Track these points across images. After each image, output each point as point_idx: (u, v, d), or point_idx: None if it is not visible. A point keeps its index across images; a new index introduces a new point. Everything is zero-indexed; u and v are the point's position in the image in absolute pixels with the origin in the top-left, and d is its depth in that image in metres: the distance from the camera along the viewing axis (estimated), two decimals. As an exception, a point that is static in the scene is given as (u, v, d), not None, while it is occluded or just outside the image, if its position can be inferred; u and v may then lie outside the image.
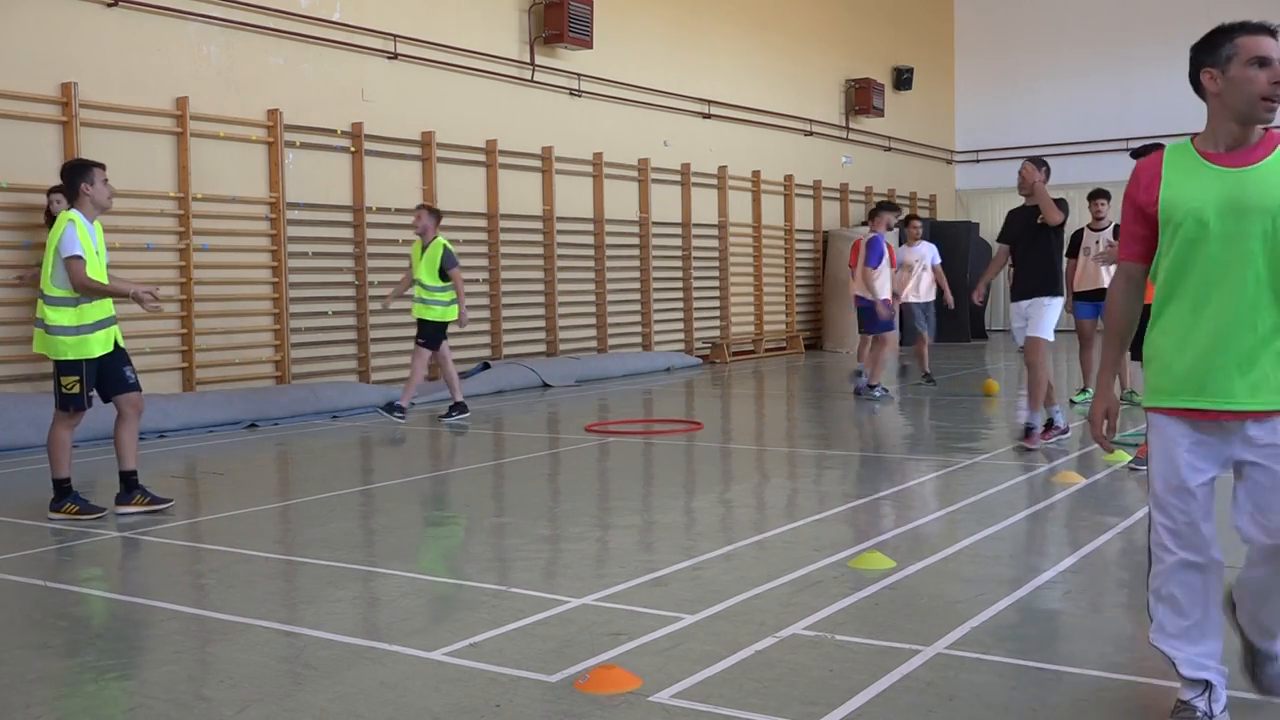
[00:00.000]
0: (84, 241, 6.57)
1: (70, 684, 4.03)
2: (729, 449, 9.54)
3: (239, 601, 4.99)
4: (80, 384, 6.66)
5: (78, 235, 6.53)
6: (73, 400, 6.69)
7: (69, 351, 6.61)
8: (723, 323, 18.97)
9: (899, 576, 5.10)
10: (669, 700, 3.65)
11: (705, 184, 18.70)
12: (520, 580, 5.18)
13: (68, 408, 6.71)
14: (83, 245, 6.54)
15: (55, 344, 6.63)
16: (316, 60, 12.74)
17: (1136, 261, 3.46)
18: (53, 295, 6.61)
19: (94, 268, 6.61)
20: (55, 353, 6.64)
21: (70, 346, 6.61)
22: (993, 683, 3.77)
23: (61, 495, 6.73)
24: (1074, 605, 4.76)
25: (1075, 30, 25.46)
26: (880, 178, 23.71)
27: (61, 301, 6.60)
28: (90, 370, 6.70)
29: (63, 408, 6.72)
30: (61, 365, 6.64)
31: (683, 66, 18.14)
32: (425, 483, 8.11)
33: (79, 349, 6.62)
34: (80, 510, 6.70)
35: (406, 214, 13.68)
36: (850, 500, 7.10)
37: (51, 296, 6.61)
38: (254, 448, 9.78)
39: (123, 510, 6.78)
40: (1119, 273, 3.53)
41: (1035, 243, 8.94)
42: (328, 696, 3.76)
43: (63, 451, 6.73)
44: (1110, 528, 6.06)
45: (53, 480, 6.77)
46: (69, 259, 6.50)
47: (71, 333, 6.61)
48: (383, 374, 13.29)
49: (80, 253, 6.51)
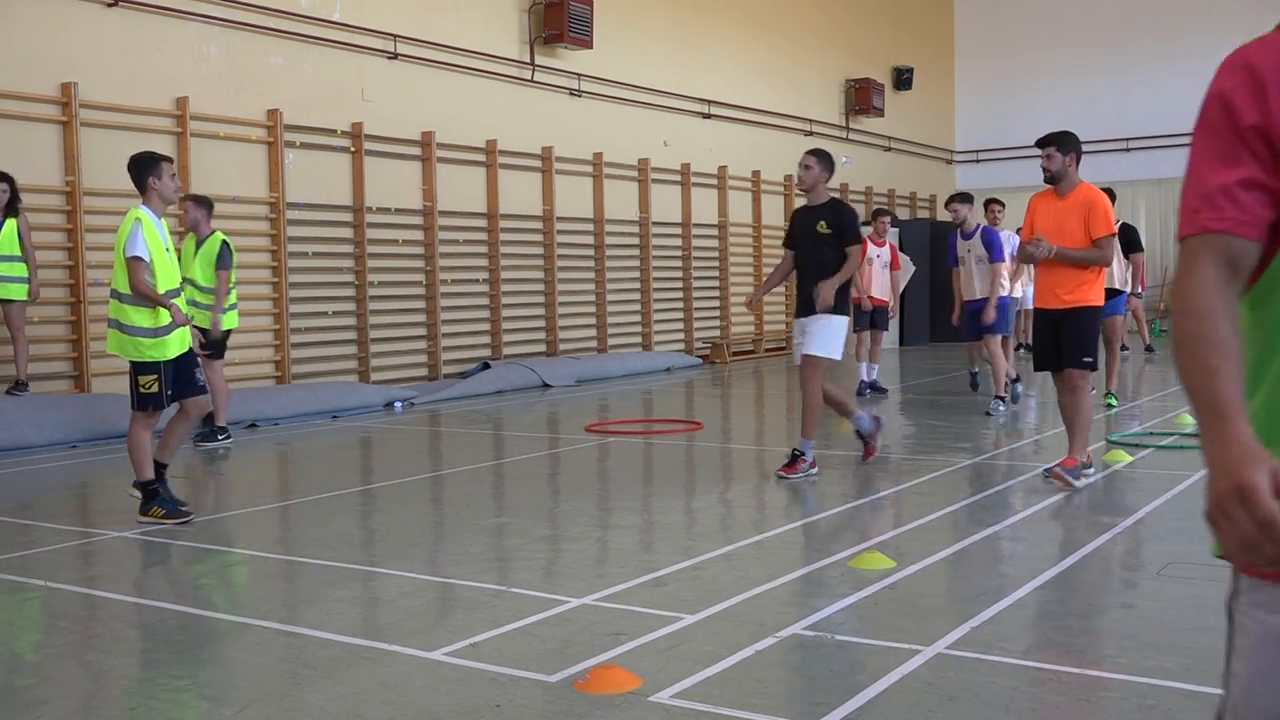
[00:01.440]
0: (152, 242, 6.46)
1: (70, 684, 4.03)
2: (729, 449, 9.54)
3: (239, 601, 4.99)
4: (159, 383, 6.55)
5: (143, 235, 6.42)
6: (152, 400, 6.56)
7: (148, 352, 6.51)
8: (723, 323, 18.97)
9: (899, 576, 5.10)
10: (669, 700, 3.65)
11: (705, 184, 18.70)
12: (520, 580, 5.18)
13: (146, 407, 6.57)
14: (149, 245, 6.43)
15: (135, 345, 6.50)
16: (316, 60, 12.74)
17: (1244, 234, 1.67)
18: (126, 294, 6.49)
19: (163, 267, 6.52)
20: (134, 354, 6.52)
21: (150, 347, 6.50)
22: (993, 683, 3.77)
23: (150, 498, 6.55)
24: (1073, 605, 4.76)
25: (1075, 30, 25.47)
26: (880, 178, 23.71)
27: (139, 301, 6.48)
28: (168, 369, 6.59)
29: (141, 408, 6.58)
30: (139, 365, 6.53)
31: (683, 66, 18.14)
32: (425, 483, 8.10)
33: (158, 350, 6.52)
34: (166, 514, 6.49)
35: (407, 214, 13.72)
36: (850, 500, 7.10)
37: (129, 296, 6.48)
38: (254, 448, 9.77)
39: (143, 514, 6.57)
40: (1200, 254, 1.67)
41: (819, 250, 7.79)
42: (328, 696, 3.76)
43: (144, 453, 6.58)
44: (1110, 528, 6.06)
45: (138, 485, 6.59)
46: (130, 259, 6.38)
47: (150, 334, 6.50)
48: (383, 374, 13.30)
49: (142, 254, 6.40)
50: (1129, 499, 6.84)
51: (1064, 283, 7.08)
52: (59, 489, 8.14)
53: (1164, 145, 24.26)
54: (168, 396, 6.61)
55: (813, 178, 7.78)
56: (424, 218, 13.89)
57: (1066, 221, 7.06)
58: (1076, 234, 7.03)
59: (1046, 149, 7.15)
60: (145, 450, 6.58)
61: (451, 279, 14.21)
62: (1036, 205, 7.32)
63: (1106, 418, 10.61)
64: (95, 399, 10.08)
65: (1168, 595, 4.78)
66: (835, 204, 7.86)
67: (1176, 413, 10.50)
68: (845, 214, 7.81)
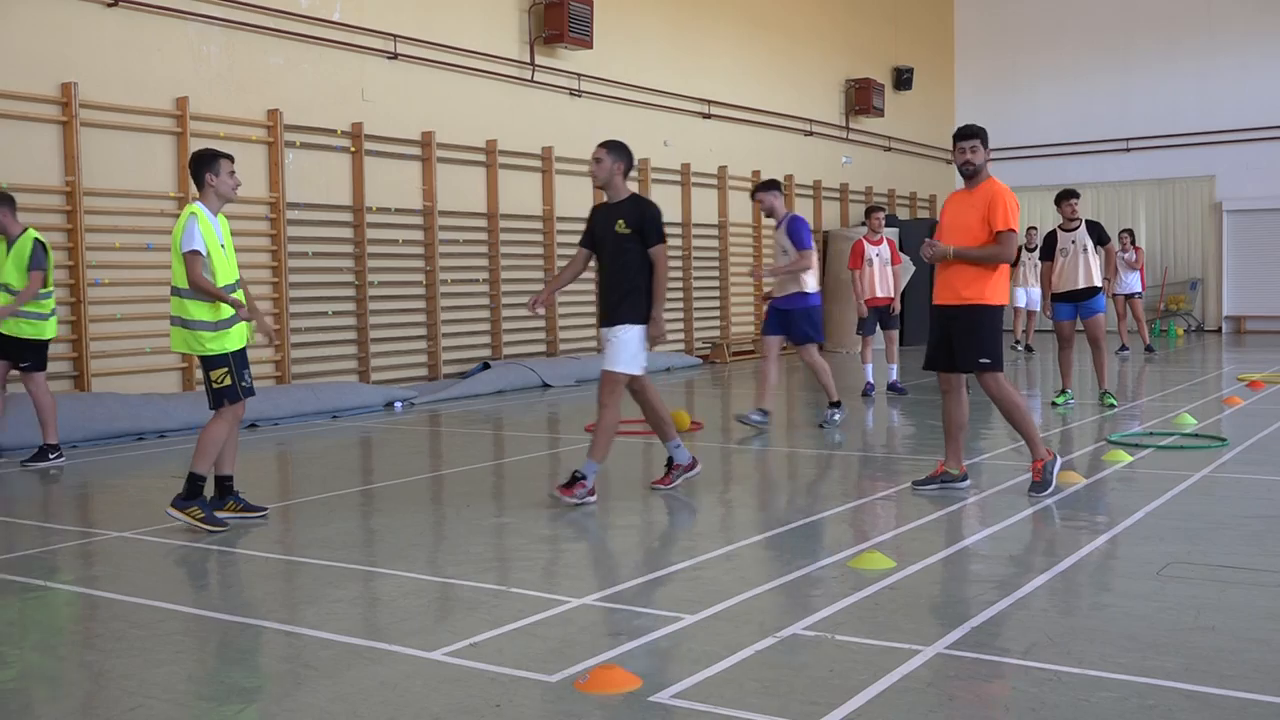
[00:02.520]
0: (208, 236, 6.38)
1: (70, 684, 4.03)
2: (729, 449, 9.54)
3: (239, 601, 4.99)
4: (230, 374, 6.46)
5: (199, 229, 6.34)
6: (227, 393, 6.47)
7: (210, 345, 6.42)
8: (723, 323, 18.97)
9: (899, 576, 5.10)
10: (669, 700, 3.65)
11: (705, 184, 18.70)
12: (520, 580, 5.18)
13: (222, 402, 6.49)
14: (206, 240, 6.36)
15: (197, 339, 6.41)
16: (316, 60, 12.74)
17: None
18: (189, 290, 6.38)
19: (220, 262, 6.44)
20: (198, 348, 6.43)
21: (211, 340, 6.41)
22: (993, 683, 3.77)
23: (192, 495, 6.41)
24: (1073, 605, 4.75)
25: (1075, 30, 25.48)
26: (880, 178, 23.72)
27: (199, 296, 6.38)
28: (238, 359, 6.49)
29: (217, 404, 6.49)
30: (208, 361, 6.45)
31: (683, 66, 18.14)
32: (425, 483, 8.10)
33: (218, 342, 6.43)
34: (204, 519, 6.38)
35: (407, 214, 13.71)
36: (850, 500, 7.10)
37: (189, 291, 6.38)
38: (254, 448, 9.77)
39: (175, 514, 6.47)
40: None
41: (621, 251, 7.05)
42: (328, 696, 3.76)
43: (214, 447, 6.45)
44: (1110, 528, 6.06)
45: (191, 475, 6.43)
46: (187, 254, 6.30)
47: (211, 328, 6.41)
48: (383, 374, 13.30)
49: (199, 248, 6.32)
50: (1129, 499, 6.83)
51: (961, 277, 6.91)
52: (59, 489, 8.14)
53: (1164, 145, 24.26)
54: (245, 387, 6.53)
55: (604, 171, 7.04)
56: (424, 218, 13.89)
57: (969, 216, 6.94)
58: (975, 229, 6.89)
59: (970, 142, 6.99)
60: (217, 445, 6.48)
61: (451, 279, 14.21)
62: (947, 202, 7.25)
63: (1104, 418, 10.60)
64: (95, 399, 10.08)
65: (1168, 595, 4.78)
66: (636, 200, 7.10)
67: (1176, 413, 10.50)
68: (648, 211, 7.07)
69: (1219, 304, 24.12)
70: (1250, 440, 8.95)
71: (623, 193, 7.11)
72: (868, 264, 12.70)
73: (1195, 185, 24.23)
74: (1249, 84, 23.61)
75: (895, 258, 12.85)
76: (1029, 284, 18.90)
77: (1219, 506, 6.61)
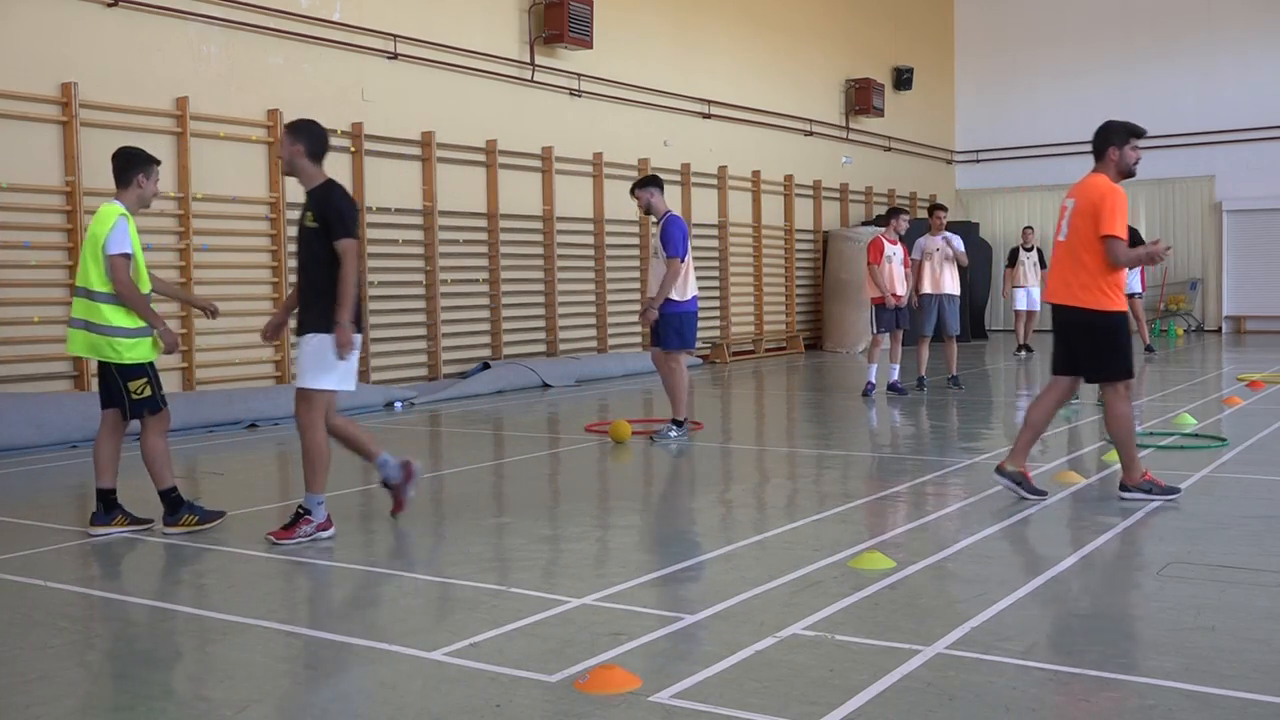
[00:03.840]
0: (135, 240, 6.19)
1: (70, 684, 4.03)
2: (729, 449, 9.54)
3: (239, 601, 4.99)
4: (151, 384, 6.25)
5: (129, 231, 6.16)
6: (148, 404, 6.26)
7: (129, 354, 6.19)
8: (723, 323, 18.97)
9: (899, 576, 5.10)
10: (669, 700, 3.65)
11: (705, 184, 18.70)
12: (520, 580, 5.18)
13: (141, 413, 6.27)
14: (133, 244, 6.16)
15: (113, 346, 6.16)
16: (316, 60, 12.74)
17: None
18: (105, 293, 6.15)
19: (143, 268, 6.28)
20: (111, 355, 6.17)
21: (129, 348, 6.19)
22: (993, 683, 3.77)
23: (177, 506, 6.30)
24: (1074, 605, 4.75)
25: (1075, 30, 25.48)
26: (880, 178, 23.72)
27: (117, 300, 6.15)
28: (153, 368, 6.31)
29: (136, 415, 6.27)
30: (126, 371, 6.20)
31: (683, 66, 18.14)
32: (425, 483, 8.10)
33: (136, 350, 6.22)
34: (200, 520, 6.32)
35: (407, 214, 13.71)
36: (850, 500, 7.09)
37: (103, 294, 6.14)
38: (254, 448, 9.77)
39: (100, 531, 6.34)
40: None
41: (307, 247, 6.13)
42: (328, 696, 3.76)
43: (165, 460, 6.29)
44: (1110, 528, 6.06)
45: (162, 495, 6.31)
46: (116, 256, 6.08)
47: (128, 334, 6.19)
48: (383, 374, 13.30)
49: (129, 251, 6.13)
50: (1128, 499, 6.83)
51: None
52: (59, 489, 8.14)
53: (1164, 145, 24.22)
54: (161, 397, 6.35)
55: (285, 155, 6.17)
56: (424, 218, 13.89)
57: None
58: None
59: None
60: (165, 456, 6.33)
61: (451, 279, 14.21)
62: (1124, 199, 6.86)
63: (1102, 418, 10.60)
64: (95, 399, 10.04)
65: (1168, 595, 4.78)
66: (324, 188, 6.10)
67: (1176, 413, 10.50)
68: (333, 201, 6.05)
69: (1219, 304, 24.13)
70: (1250, 440, 8.95)
71: (315, 180, 6.15)
72: (887, 261, 12.70)
73: (1195, 185, 24.23)
74: (1249, 83, 23.61)
75: (906, 263, 12.87)
76: (1028, 284, 18.90)
77: (1219, 506, 6.61)
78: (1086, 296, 6.64)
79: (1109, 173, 6.77)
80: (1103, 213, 6.55)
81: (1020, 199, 26.15)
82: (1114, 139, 6.77)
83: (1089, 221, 6.60)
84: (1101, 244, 6.57)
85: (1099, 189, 6.63)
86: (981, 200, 26.70)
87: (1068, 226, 6.75)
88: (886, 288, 12.57)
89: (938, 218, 13.11)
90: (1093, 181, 6.73)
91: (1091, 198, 6.63)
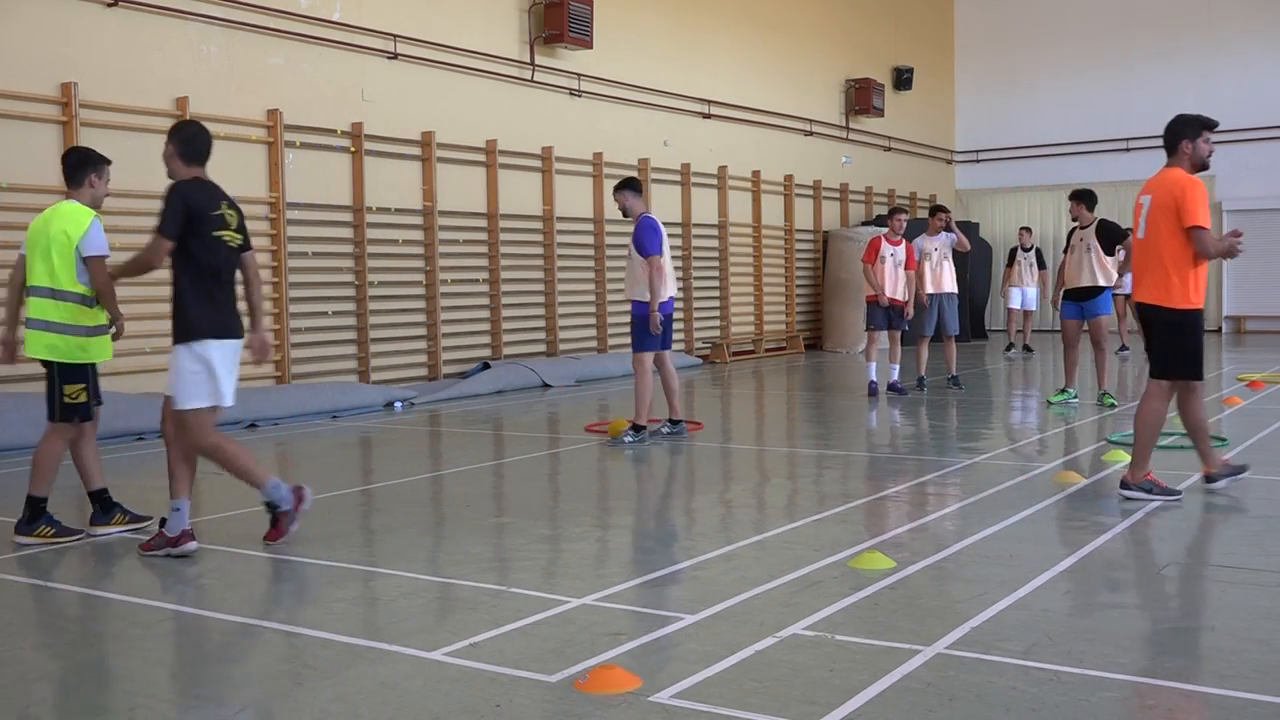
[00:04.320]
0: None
1: (70, 684, 4.03)
2: (729, 449, 9.54)
3: (239, 601, 4.99)
4: (87, 389, 6.21)
5: (102, 231, 6.14)
6: (78, 410, 6.18)
7: (81, 354, 6.16)
8: (723, 323, 18.96)
9: (899, 576, 5.10)
10: (669, 700, 3.65)
11: (705, 184, 18.70)
12: (520, 580, 5.18)
13: (71, 419, 6.19)
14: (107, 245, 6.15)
15: (67, 346, 6.12)
16: (316, 60, 12.74)
17: None
18: (75, 293, 6.11)
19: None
20: (65, 356, 6.12)
21: (84, 349, 6.17)
22: (993, 683, 3.77)
23: (36, 516, 6.13)
24: (1073, 605, 4.75)
25: (1076, 30, 25.48)
26: (880, 178, 23.72)
27: (85, 300, 6.13)
28: (94, 372, 6.26)
29: (65, 418, 6.18)
30: (66, 371, 6.12)
31: (683, 66, 18.14)
32: (425, 483, 8.10)
33: (93, 350, 6.20)
34: (56, 533, 6.14)
35: (407, 214, 13.72)
36: (850, 500, 7.09)
37: (74, 294, 6.10)
38: (254, 448, 9.76)
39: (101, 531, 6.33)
40: None
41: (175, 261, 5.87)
42: (328, 696, 3.76)
43: (54, 467, 6.16)
44: (1110, 527, 6.06)
45: (28, 497, 6.14)
46: (94, 258, 6.07)
47: (88, 333, 6.17)
48: (383, 374, 13.30)
49: (108, 252, 6.12)
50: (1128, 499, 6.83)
51: None
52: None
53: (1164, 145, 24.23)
54: (94, 407, 6.25)
55: (165, 153, 6.06)
56: (424, 218, 13.89)
57: None
58: None
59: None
60: (56, 464, 6.17)
61: (451, 279, 14.21)
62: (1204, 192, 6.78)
63: (1104, 418, 10.60)
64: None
65: (1168, 595, 4.78)
66: (171, 187, 5.94)
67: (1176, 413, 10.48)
68: (166, 197, 5.87)
69: (1219, 304, 24.11)
70: (1250, 440, 8.95)
71: (176, 177, 6.02)
72: (881, 261, 12.70)
73: (1195, 185, 24.20)
74: (1249, 83, 23.61)
75: (910, 263, 12.81)
76: (1025, 284, 19.08)
77: (1219, 506, 6.61)
78: (1160, 294, 6.63)
79: (1183, 166, 6.73)
80: (1185, 205, 6.51)
81: (1020, 199, 26.15)
82: (1186, 132, 6.75)
83: (1168, 216, 6.56)
84: (1182, 237, 6.53)
85: (1178, 182, 6.59)
86: (981, 200, 26.70)
87: (1146, 223, 6.72)
88: (879, 286, 12.62)
89: (938, 219, 13.12)
90: (1170, 176, 6.68)
91: (1172, 191, 6.58)
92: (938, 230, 13.07)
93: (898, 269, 12.74)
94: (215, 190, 6.08)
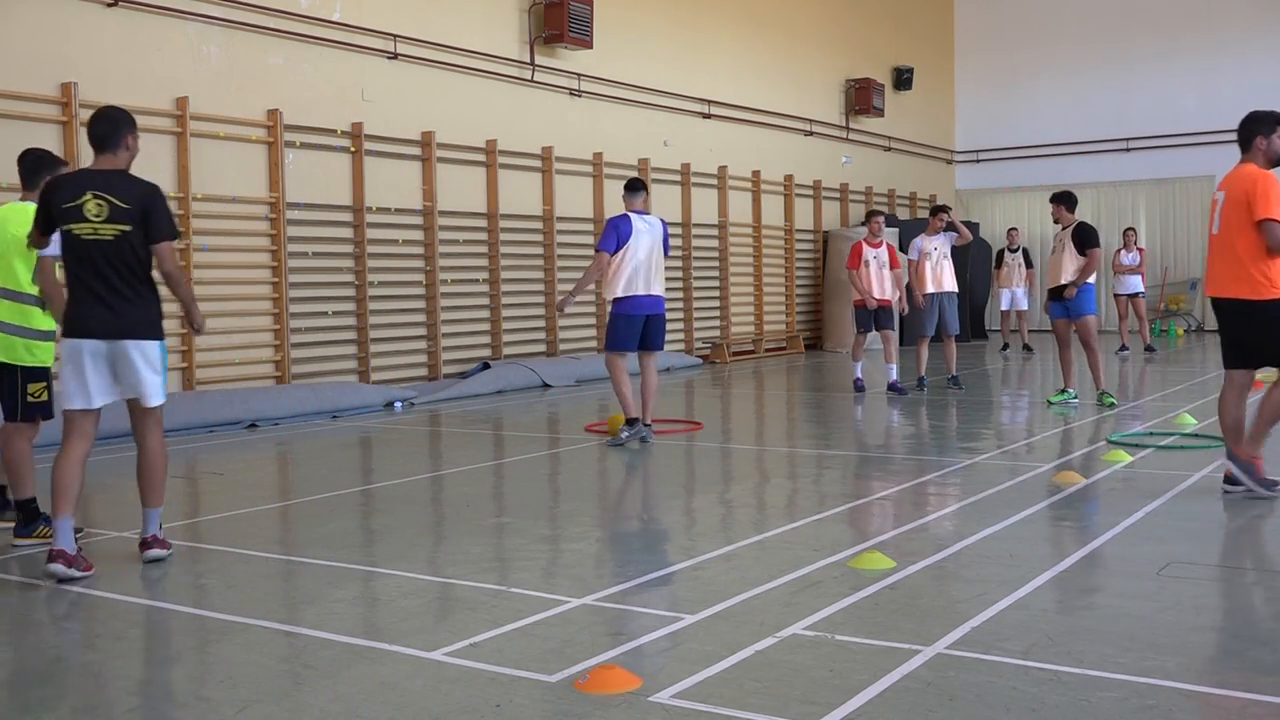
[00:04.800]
0: None
1: (70, 684, 4.03)
2: (729, 449, 9.54)
3: (239, 601, 4.99)
4: (48, 388, 6.20)
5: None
6: (42, 409, 6.19)
7: (46, 356, 6.19)
8: (723, 323, 18.97)
9: (899, 576, 5.10)
10: (669, 700, 3.65)
11: (705, 184, 18.70)
12: (520, 580, 5.18)
13: (34, 417, 6.18)
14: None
15: (32, 349, 6.13)
16: (316, 60, 12.74)
17: None
18: (36, 295, 6.11)
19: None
20: (27, 358, 6.13)
21: (46, 351, 6.19)
22: (993, 683, 3.77)
23: (31, 518, 6.13)
24: (1074, 605, 4.75)
25: (1076, 30, 25.47)
26: (880, 178, 23.71)
27: (40, 303, 6.11)
28: (50, 373, 6.24)
29: (28, 418, 6.16)
30: (31, 372, 6.14)
31: (683, 66, 18.14)
32: (425, 483, 8.10)
33: (47, 353, 6.21)
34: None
35: (407, 214, 13.72)
36: (850, 500, 7.10)
37: (34, 296, 6.11)
38: (254, 448, 9.77)
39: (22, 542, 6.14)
40: None
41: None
42: (328, 696, 3.76)
43: (27, 467, 6.14)
44: (1110, 527, 6.06)
45: (15, 502, 6.13)
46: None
47: (44, 337, 6.19)
48: (382, 374, 13.30)
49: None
50: (1129, 499, 6.83)
51: None
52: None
53: (1164, 145, 24.26)
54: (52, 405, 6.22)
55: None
56: (424, 218, 13.89)
57: None
58: None
59: None
60: (29, 462, 6.19)
61: (451, 279, 14.21)
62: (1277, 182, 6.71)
63: (1104, 418, 10.60)
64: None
65: (1168, 595, 4.78)
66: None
67: (1176, 413, 10.50)
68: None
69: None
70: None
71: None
72: (865, 265, 12.94)
73: (1195, 185, 24.21)
74: (1249, 83, 23.58)
75: (894, 262, 13.00)
76: (1013, 284, 19.30)
77: (1219, 506, 6.61)
78: (1242, 287, 6.62)
79: (1257, 161, 6.76)
80: (1256, 198, 6.53)
81: (1020, 199, 26.14)
82: (1260, 128, 6.79)
83: (1242, 210, 6.58)
84: (1256, 231, 6.54)
85: (1251, 177, 6.62)
86: (981, 200, 26.70)
87: (1220, 219, 6.74)
88: (865, 290, 12.89)
89: (938, 218, 13.14)
90: (1243, 171, 6.71)
91: (1245, 186, 6.61)
92: (938, 230, 13.10)
93: (881, 270, 13.00)
94: (81, 180, 5.76)
